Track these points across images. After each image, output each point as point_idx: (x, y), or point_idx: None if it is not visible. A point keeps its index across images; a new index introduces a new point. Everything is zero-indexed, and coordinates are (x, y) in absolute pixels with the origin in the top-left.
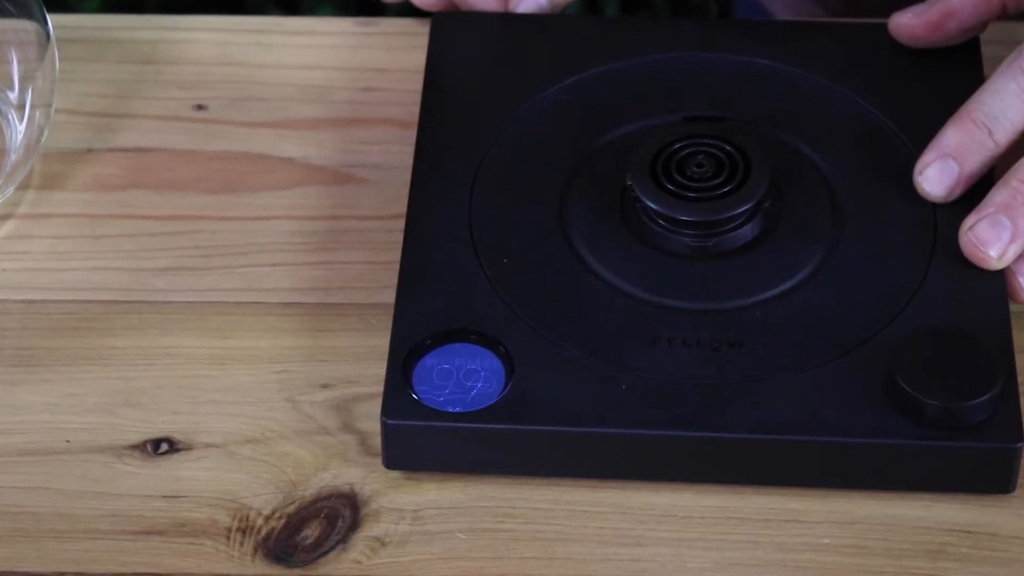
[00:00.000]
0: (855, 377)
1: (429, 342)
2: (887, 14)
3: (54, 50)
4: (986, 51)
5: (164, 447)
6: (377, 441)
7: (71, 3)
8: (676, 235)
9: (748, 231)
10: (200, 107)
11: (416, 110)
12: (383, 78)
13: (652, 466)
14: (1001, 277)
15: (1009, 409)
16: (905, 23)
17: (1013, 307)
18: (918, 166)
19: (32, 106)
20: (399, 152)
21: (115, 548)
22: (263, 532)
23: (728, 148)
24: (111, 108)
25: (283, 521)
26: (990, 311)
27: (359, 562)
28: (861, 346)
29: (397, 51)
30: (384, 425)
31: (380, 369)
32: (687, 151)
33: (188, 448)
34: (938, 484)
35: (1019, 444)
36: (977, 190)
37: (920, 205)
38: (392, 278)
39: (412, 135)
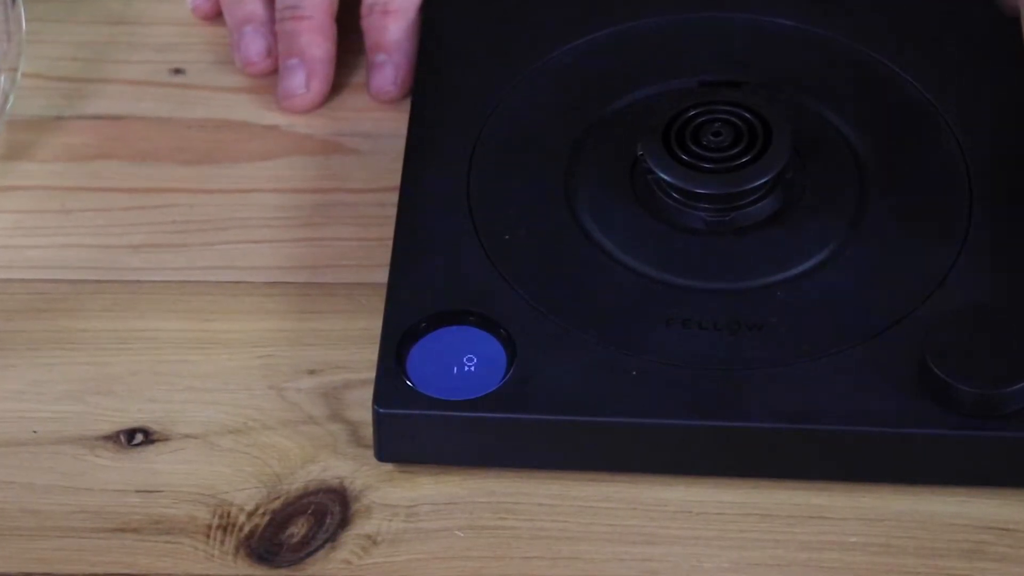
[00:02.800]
0: (884, 362)
1: (424, 325)
2: None
3: (20, 9)
4: None
5: (139, 438)
6: (368, 431)
7: None
8: (691, 209)
9: (769, 205)
10: (177, 71)
11: None
12: None
13: (665, 458)
14: None
15: None
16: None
17: None
18: None
19: None
20: (392, 120)
21: (86, 547)
22: (245, 530)
23: (747, 115)
24: (82, 72)
25: (267, 518)
26: None
27: (349, 562)
28: (890, 329)
29: None
30: (376, 414)
31: (372, 354)
32: (703, 118)
33: (165, 439)
34: (974, 477)
35: None
36: (1016, 168)
37: (954, 175)
38: (384, 256)
39: (406, 102)
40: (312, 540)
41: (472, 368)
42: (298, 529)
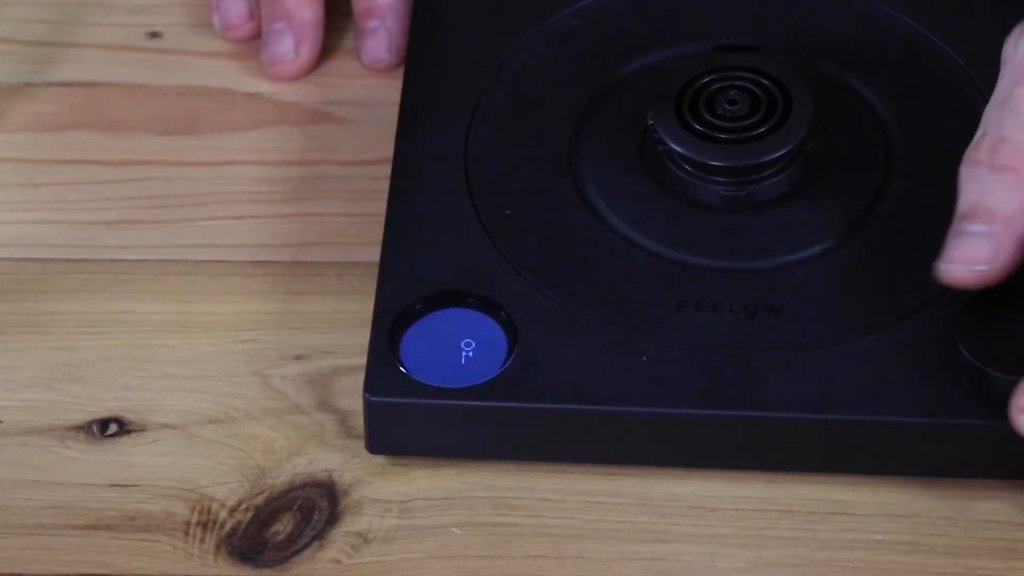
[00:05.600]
0: (912, 347)
1: (419, 307)
2: None
3: None
4: None
5: (113, 428)
6: (359, 421)
7: None
8: (705, 183)
9: (788, 178)
10: (154, 35)
11: None
12: None
13: (677, 450)
14: None
15: None
16: None
17: None
18: (1017, 401)
19: None
20: (384, 87)
21: (56, 545)
22: (227, 527)
23: (765, 82)
24: (51, 36)
25: (250, 514)
26: None
27: (338, 561)
28: (919, 311)
29: None
30: (367, 403)
31: (362, 338)
32: (718, 85)
33: (140, 429)
34: (1009, 470)
35: None
36: None
37: None
38: (376, 233)
39: (399, 67)
40: (298, 538)
41: (470, 353)
42: (283, 526)
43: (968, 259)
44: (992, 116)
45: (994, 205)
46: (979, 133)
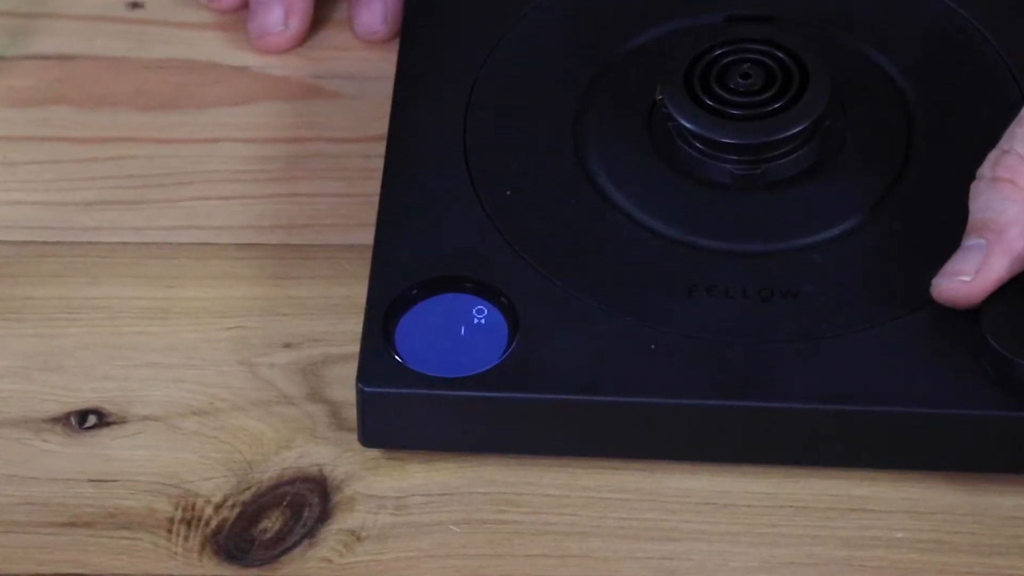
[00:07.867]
0: (935, 335)
1: (415, 292)
2: None
3: None
4: None
5: (92, 420)
6: (351, 413)
7: None
8: (717, 161)
9: (804, 157)
10: (135, 5)
11: None
12: None
13: (687, 443)
14: None
15: None
16: None
17: None
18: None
19: None
20: (379, 60)
21: (32, 543)
22: (212, 524)
23: (780, 55)
24: (27, 6)
25: (237, 511)
26: None
27: (330, 560)
28: None
29: None
30: (360, 393)
31: (355, 325)
32: (730, 58)
33: (121, 421)
34: None
35: None
36: None
37: (1010, 122)
38: (370, 214)
39: (394, 40)
40: (288, 536)
41: (469, 341)
42: (272, 523)
43: (953, 271)
44: (1006, 133)
45: (988, 218)
46: (992, 151)
